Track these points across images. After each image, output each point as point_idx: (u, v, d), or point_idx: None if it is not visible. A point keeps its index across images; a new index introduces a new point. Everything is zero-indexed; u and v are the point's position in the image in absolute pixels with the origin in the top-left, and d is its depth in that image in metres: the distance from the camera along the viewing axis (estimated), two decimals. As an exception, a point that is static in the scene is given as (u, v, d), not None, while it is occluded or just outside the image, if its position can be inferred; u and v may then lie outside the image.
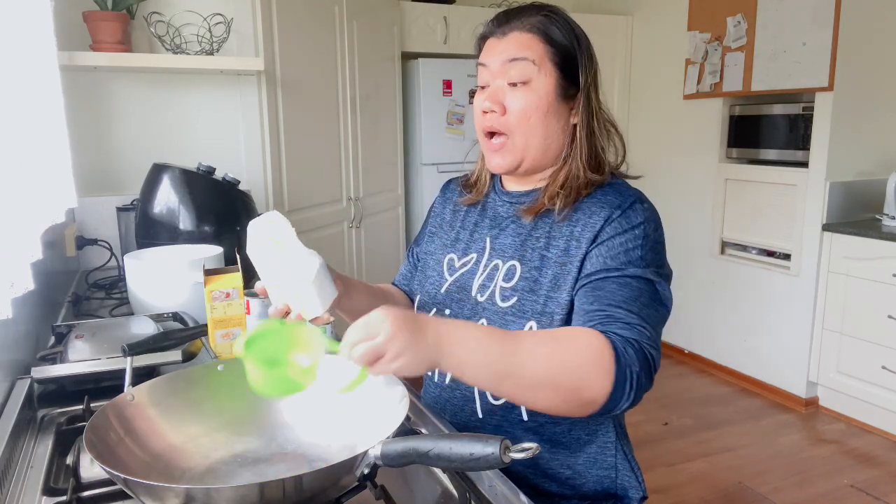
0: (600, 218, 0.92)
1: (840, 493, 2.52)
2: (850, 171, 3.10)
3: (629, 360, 0.77)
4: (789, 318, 3.26)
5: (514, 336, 0.77)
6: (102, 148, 2.15)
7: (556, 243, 0.95)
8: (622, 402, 0.77)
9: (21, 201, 1.05)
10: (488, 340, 0.74)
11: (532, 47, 0.94)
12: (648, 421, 3.13)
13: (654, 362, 0.81)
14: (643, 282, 0.87)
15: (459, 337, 0.73)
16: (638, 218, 0.91)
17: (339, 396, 0.73)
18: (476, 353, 0.73)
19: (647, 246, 0.90)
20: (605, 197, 0.94)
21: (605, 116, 1.01)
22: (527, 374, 0.74)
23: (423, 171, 3.58)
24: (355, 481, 0.69)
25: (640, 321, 0.82)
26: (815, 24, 2.99)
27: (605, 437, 1.01)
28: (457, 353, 0.72)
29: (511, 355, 0.74)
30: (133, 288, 1.44)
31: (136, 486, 0.63)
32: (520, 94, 0.95)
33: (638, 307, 0.84)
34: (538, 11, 0.97)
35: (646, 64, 4.02)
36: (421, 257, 1.17)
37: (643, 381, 0.78)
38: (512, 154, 0.98)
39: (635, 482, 1.03)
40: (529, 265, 0.96)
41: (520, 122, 0.96)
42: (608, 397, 0.76)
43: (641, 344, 0.80)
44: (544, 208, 0.98)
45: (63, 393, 1.07)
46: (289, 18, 2.47)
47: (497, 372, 0.74)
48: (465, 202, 1.11)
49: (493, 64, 0.97)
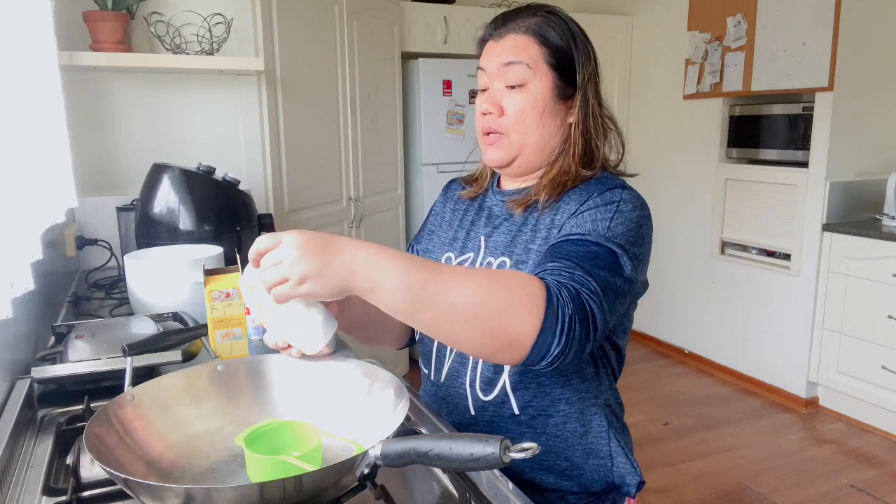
0: (578, 202, 0.93)
1: (840, 493, 2.52)
2: (850, 171, 3.10)
3: (562, 301, 0.74)
4: (789, 318, 3.26)
5: (439, 266, 0.74)
6: (102, 148, 2.15)
7: (539, 234, 0.97)
8: (553, 348, 0.73)
9: (21, 201, 1.05)
10: (409, 266, 0.71)
11: (527, 50, 0.96)
12: (648, 421, 3.13)
13: (593, 315, 0.76)
14: (604, 249, 0.84)
15: (376, 261, 0.70)
16: (615, 197, 0.91)
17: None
18: (393, 278, 0.70)
19: (618, 220, 0.88)
20: (587, 186, 0.96)
21: (606, 114, 1.02)
22: (448, 305, 0.71)
23: (423, 171, 3.58)
24: (355, 481, 0.69)
25: (586, 275, 0.79)
26: (815, 24, 2.99)
27: (599, 425, 1.02)
28: (372, 276, 0.70)
29: (432, 283, 0.71)
30: (133, 288, 1.44)
31: (136, 486, 0.63)
32: (516, 97, 0.97)
33: (589, 265, 0.80)
34: (535, 13, 0.98)
35: (646, 64, 4.02)
36: (420, 255, 1.18)
37: (577, 329, 0.74)
38: (506, 149, 0.99)
39: (631, 468, 1.03)
40: (517, 259, 0.98)
41: (516, 123, 0.97)
42: (535, 337, 0.72)
43: (579, 291, 0.76)
44: (531, 201, 0.99)
45: (63, 393, 1.07)
46: (289, 18, 2.47)
47: (415, 299, 0.70)
48: (465, 195, 1.13)
49: (490, 67, 0.99)
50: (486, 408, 1.00)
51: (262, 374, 0.88)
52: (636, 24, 4.05)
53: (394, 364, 3.41)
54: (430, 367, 1.09)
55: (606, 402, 1.03)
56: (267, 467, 0.70)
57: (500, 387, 0.98)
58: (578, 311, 0.75)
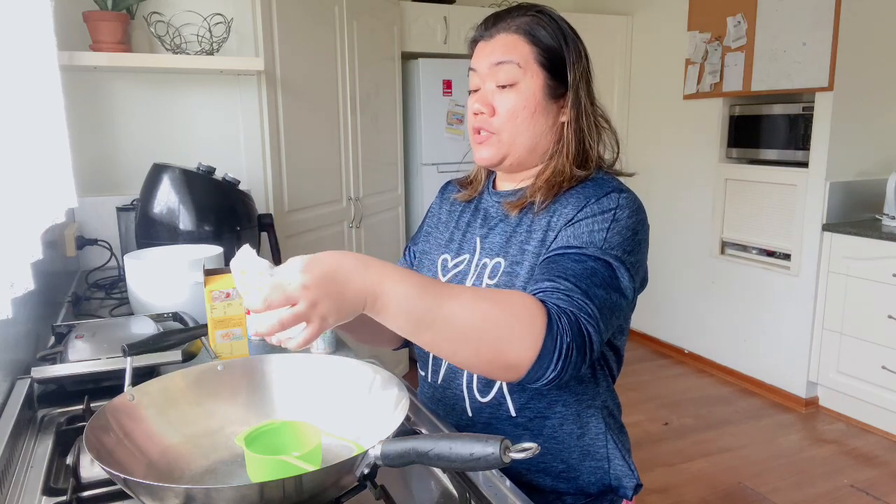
0: (575, 207, 0.93)
1: (840, 493, 2.52)
2: (850, 171, 3.10)
3: (562, 329, 0.75)
4: (789, 318, 3.26)
5: (443, 288, 0.74)
6: (102, 148, 2.15)
7: (535, 236, 0.96)
8: (548, 372, 0.74)
9: (21, 201, 1.05)
10: (416, 294, 0.71)
11: (517, 49, 0.96)
12: (648, 421, 3.13)
13: (590, 340, 0.77)
14: (601, 263, 0.85)
15: (384, 289, 0.70)
16: (611, 203, 0.91)
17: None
18: (399, 301, 0.70)
19: (615, 230, 0.89)
20: (584, 189, 0.95)
21: (599, 112, 1.02)
22: (449, 328, 0.72)
23: (423, 171, 3.58)
24: (355, 481, 0.69)
25: (584, 297, 0.79)
26: (815, 24, 2.99)
27: (596, 427, 1.02)
28: (380, 301, 0.70)
29: (436, 307, 0.71)
30: (133, 288, 1.44)
31: (136, 486, 0.63)
32: (507, 96, 0.97)
33: (587, 284, 0.81)
34: (525, 12, 0.98)
35: (646, 64, 4.02)
36: (417, 256, 1.18)
37: (574, 355, 0.75)
38: (496, 147, 0.99)
39: (628, 470, 1.03)
40: (511, 260, 0.98)
41: (507, 122, 0.97)
42: (532, 363, 0.74)
43: (578, 317, 0.77)
44: (527, 202, 0.99)
45: (63, 393, 1.07)
46: (289, 18, 2.47)
47: (419, 321, 0.71)
48: (461, 198, 1.13)
49: (481, 68, 0.99)
50: (483, 410, 1.00)
51: (262, 374, 0.88)
52: (636, 24, 4.05)
53: (394, 364, 3.41)
54: (427, 370, 1.09)
55: (604, 403, 1.03)
56: (267, 467, 0.70)
57: (497, 389, 0.98)
58: (576, 337, 0.76)
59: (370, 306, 0.70)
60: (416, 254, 1.18)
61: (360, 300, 0.69)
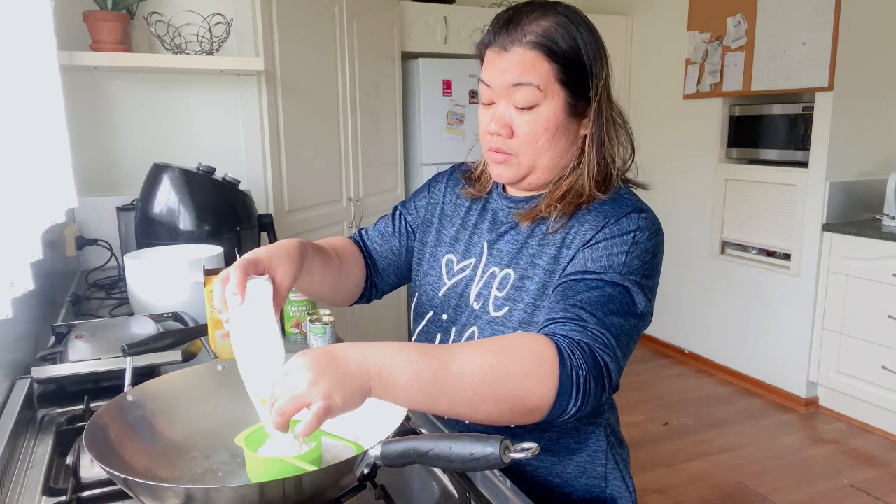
0: (593, 227, 0.89)
1: (840, 493, 2.52)
2: (850, 171, 3.10)
3: (576, 363, 0.73)
4: (789, 318, 3.26)
5: (447, 351, 0.72)
6: (102, 148, 2.15)
7: (547, 251, 0.93)
8: (570, 408, 0.73)
9: (21, 201, 1.05)
10: (419, 358, 0.69)
11: (536, 69, 0.87)
12: (648, 421, 3.13)
13: (608, 370, 0.76)
14: (619, 289, 0.83)
15: (386, 360, 0.68)
16: (631, 225, 0.88)
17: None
18: (406, 374, 0.68)
19: (634, 253, 0.86)
20: (602, 207, 0.91)
21: (616, 110, 0.97)
22: (464, 390, 0.70)
23: (423, 171, 3.58)
24: (355, 481, 0.69)
25: (600, 326, 0.78)
26: (815, 24, 2.99)
27: (596, 445, 0.98)
28: (386, 377, 0.67)
29: (443, 372, 0.69)
30: (133, 288, 1.44)
31: (135, 486, 0.63)
32: (527, 118, 0.90)
33: (603, 313, 0.79)
34: (544, 14, 0.89)
35: (646, 64, 4.02)
36: (417, 247, 1.12)
37: (592, 386, 0.74)
38: (516, 168, 0.94)
39: (626, 492, 1.00)
40: (521, 273, 0.94)
41: (528, 145, 0.92)
42: (553, 403, 0.73)
43: (593, 348, 0.76)
44: (540, 215, 0.95)
45: (63, 393, 1.07)
46: (289, 18, 2.47)
47: (430, 392, 0.69)
48: (467, 194, 1.08)
49: (496, 85, 0.91)
50: None
51: (262, 374, 0.88)
52: (636, 24, 4.05)
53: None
54: None
55: (607, 421, 1.00)
56: (267, 467, 0.70)
57: None
58: (592, 368, 0.75)
59: (376, 381, 0.67)
60: (416, 246, 1.12)
61: (364, 375, 0.67)
